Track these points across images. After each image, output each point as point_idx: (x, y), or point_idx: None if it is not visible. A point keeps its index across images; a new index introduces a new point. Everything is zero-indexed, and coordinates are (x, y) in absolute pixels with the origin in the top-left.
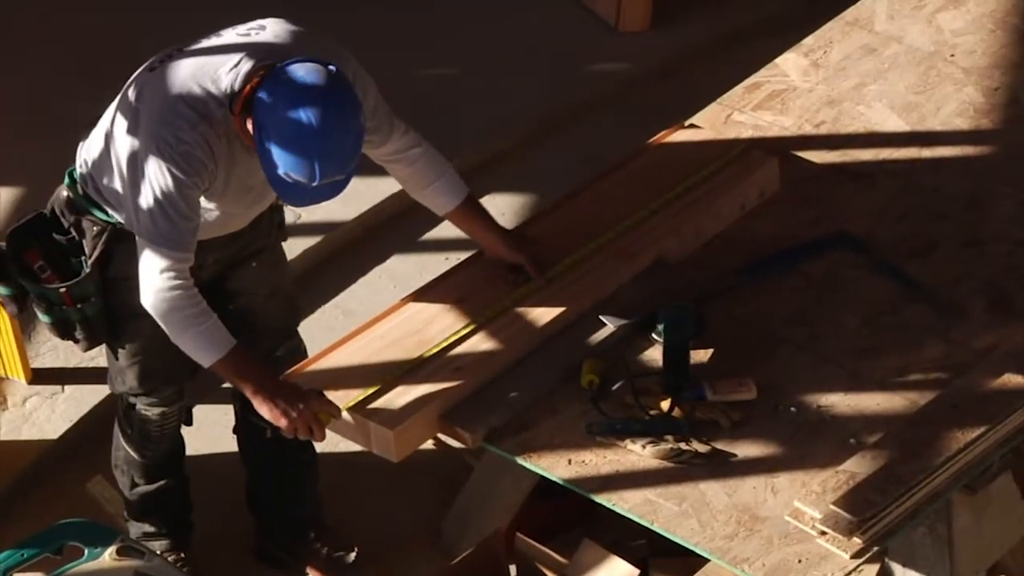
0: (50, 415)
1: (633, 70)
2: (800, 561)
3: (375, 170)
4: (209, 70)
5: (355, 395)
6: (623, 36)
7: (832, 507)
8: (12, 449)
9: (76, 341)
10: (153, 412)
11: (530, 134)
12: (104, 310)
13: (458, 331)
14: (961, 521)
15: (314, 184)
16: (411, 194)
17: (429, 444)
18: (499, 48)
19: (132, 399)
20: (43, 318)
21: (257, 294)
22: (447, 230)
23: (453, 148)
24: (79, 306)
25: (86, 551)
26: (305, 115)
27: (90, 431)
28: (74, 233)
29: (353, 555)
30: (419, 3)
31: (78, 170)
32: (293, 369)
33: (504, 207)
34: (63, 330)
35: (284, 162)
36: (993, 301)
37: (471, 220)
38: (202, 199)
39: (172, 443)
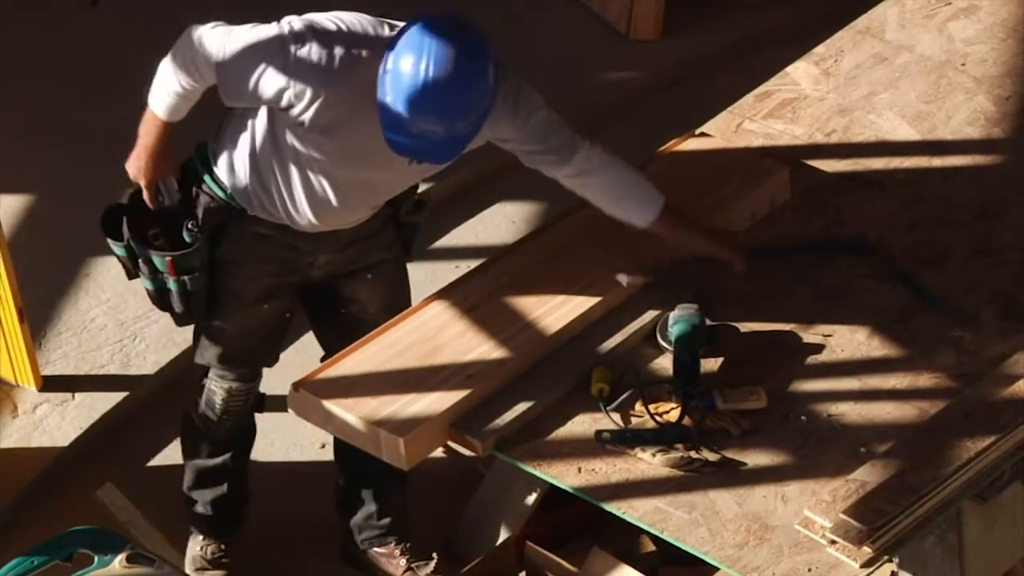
0: (60, 422)
1: (644, 78)
2: (810, 570)
3: None
4: (366, 25)
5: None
6: (634, 44)
7: (842, 516)
8: (22, 456)
9: (173, 313)
10: (220, 386)
11: None
12: (206, 287)
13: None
14: (971, 530)
15: (409, 122)
16: (605, 211)
17: (439, 452)
18: (509, 56)
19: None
20: (144, 284)
21: (368, 307)
22: (457, 238)
23: (463, 156)
24: (182, 278)
25: (96, 558)
26: (430, 45)
27: (100, 438)
28: (193, 204)
29: (432, 565)
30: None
31: (213, 144)
32: (304, 377)
33: (515, 215)
34: (161, 300)
35: (395, 87)
36: (1004, 310)
37: (673, 230)
38: (317, 147)
39: (236, 424)
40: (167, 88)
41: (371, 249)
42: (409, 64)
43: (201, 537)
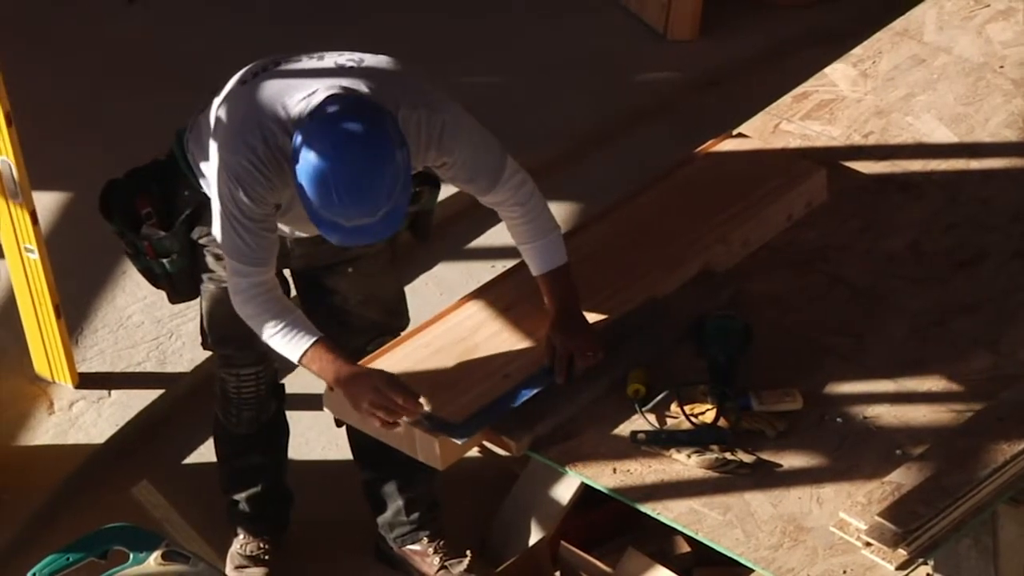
0: (96, 419)
1: (681, 79)
2: (845, 572)
3: None
4: (287, 94)
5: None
6: (672, 44)
7: (877, 518)
8: (58, 453)
9: (166, 291)
10: (228, 372)
11: (578, 143)
12: (189, 269)
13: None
14: (1007, 533)
15: (340, 225)
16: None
17: (474, 452)
18: (547, 56)
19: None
20: (135, 263)
21: (350, 298)
22: (494, 238)
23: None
24: (161, 260)
25: (131, 556)
26: (323, 155)
27: (136, 436)
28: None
29: (466, 563)
30: (468, 11)
31: (187, 133)
32: None
33: (553, 214)
34: (150, 279)
35: (310, 199)
36: None
37: (545, 292)
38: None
39: (257, 416)
40: (270, 324)
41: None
42: (315, 183)
43: (242, 535)
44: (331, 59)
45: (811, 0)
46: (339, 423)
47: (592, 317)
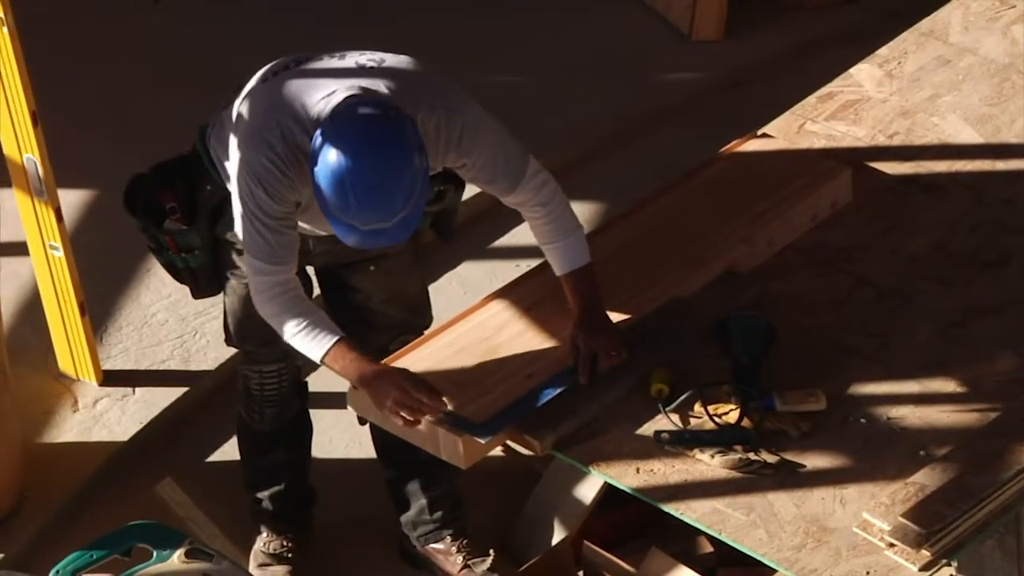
0: (120, 417)
1: (706, 79)
2: (868, 573)
3: None
4: (307, 93)
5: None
6: (696, 45)
7: (901, 519)
8: (82, 451)
9: (189, 286)
10: (251, 369)
11: (601, 143)
12: (211, 265)
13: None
14: None
15: (355, 229)
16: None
17: (498, 451)
18: (571, 56)
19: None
20: (158, 257)
21: (373, 296)
22: (518, 237)
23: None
24: (183, 255)
25: (154, 553)
26: (341, 158)
27: (160, 433)
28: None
29: (488, 562)
30: (491, 11)
31: (210, 130)
32: None
33: (577, 214)
34: (173, 274)
35: (327, 201)
36: None
37: (568, 292)
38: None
39: (281, 413)
40: (291, 324)
41: None
42: (332, 186)
43: (265, 533)
44: (352, 59)
45: (836, 1)
46: (362, 421)
47: (616, 317)
